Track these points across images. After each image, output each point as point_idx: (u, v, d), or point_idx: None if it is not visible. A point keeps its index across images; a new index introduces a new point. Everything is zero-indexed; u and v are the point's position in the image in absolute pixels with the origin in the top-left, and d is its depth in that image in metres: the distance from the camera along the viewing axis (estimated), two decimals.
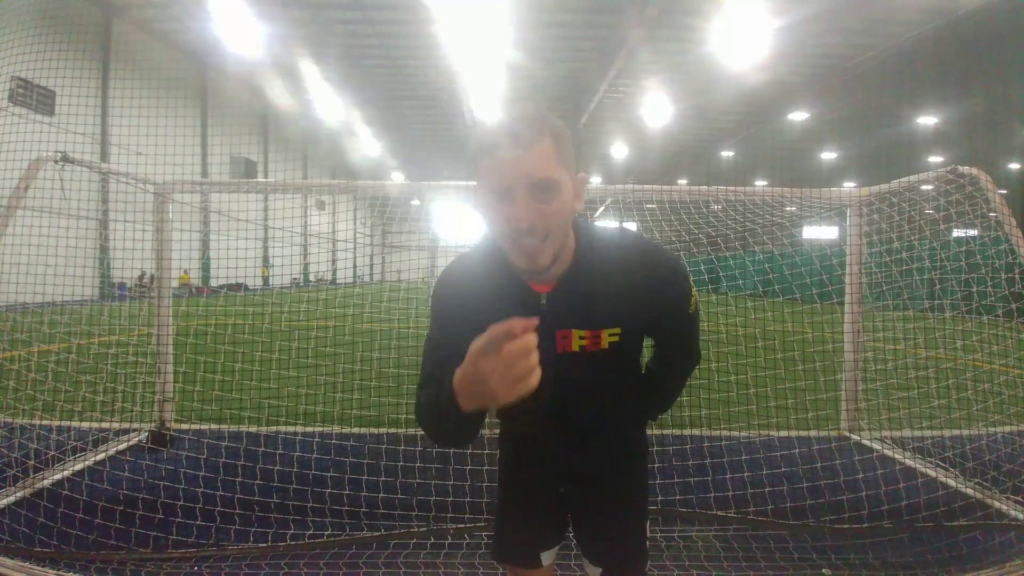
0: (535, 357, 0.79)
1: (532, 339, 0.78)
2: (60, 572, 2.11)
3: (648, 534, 1.34)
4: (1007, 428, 3.27)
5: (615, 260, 1.10)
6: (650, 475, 1.42)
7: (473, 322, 1.10)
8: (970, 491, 2.84)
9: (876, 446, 3.58)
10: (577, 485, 1.32)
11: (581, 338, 1.13)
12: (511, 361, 0.77)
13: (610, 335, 1.14)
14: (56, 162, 2.95)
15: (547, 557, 1.35)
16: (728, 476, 2.97)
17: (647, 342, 1.29)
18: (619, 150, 33.81)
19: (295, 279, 19.87)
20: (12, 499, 2.68)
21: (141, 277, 13.81)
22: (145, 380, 3.79)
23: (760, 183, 29.23)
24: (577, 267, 1.09)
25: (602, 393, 1.24)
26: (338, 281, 20.67)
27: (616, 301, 1.10)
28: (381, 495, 2.82)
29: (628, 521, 1.32)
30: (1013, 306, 3.06)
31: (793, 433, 3.57)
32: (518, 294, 1.11)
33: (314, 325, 5.33)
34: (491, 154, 0.97)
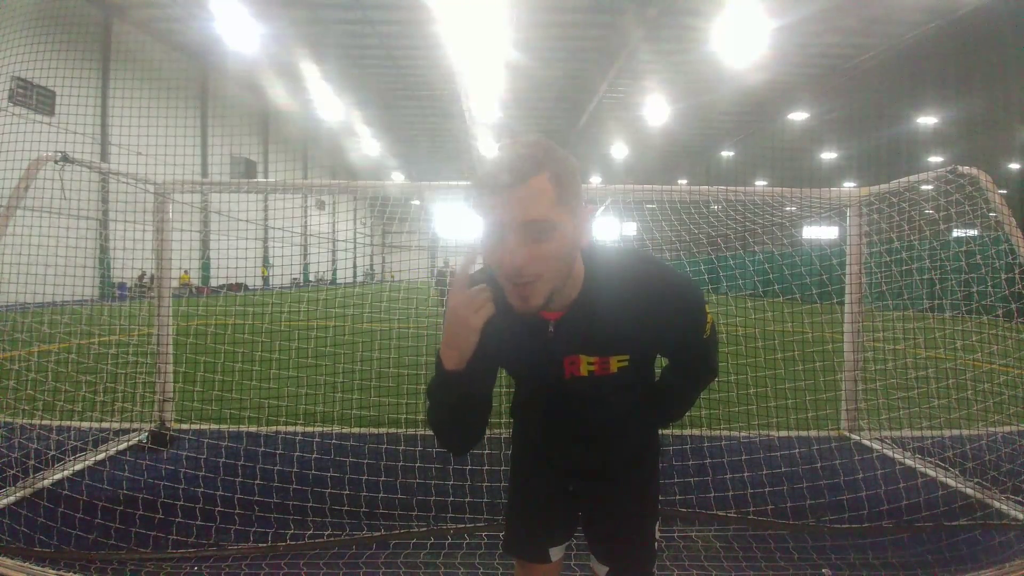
0: (476, 308, 0.99)
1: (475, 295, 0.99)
2: (60, 572, 2.11)
3: (657, 535, 1.34)
4: (1007, 428, 3.27)
5: (625, 287, 1.06)
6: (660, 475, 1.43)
7: (483, 348, 1.15)
8: (970, 491, 2.84)
9: (876, 446, 3.58)
10: (586, 483, 1.33)
11: (590, 364, 1.12)
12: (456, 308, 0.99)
13: (619, 361, 1.13)
14: (56, 162, 2.95)
15: (556, 553, 1.36)
16: (728, 476, 2.97)
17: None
18: (619, 150, 33.81)
19: (295, 279, 19.86)
20: (12, 499, 2.67)
21: (141, 277, 13.80)
22: (145, 380, 3.79)
23: (760, 183, 29.22)
24: (585, 295, 1.07)
25: (612, 407, 1.25)
26: (338, 281, 20.67)
27: (625, 329, 1.08)
28: (381, 495, 2.82)
29: (637, 521, 1.32)
30: (1013, 306, 3.05)
31: (793, 433, 3.57)
32: (526, 323, 1.09)
33: (314, 325, 5.33)
34: (487, 190, 0.94)
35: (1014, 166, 27.28)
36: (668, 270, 1.10)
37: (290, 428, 3.67)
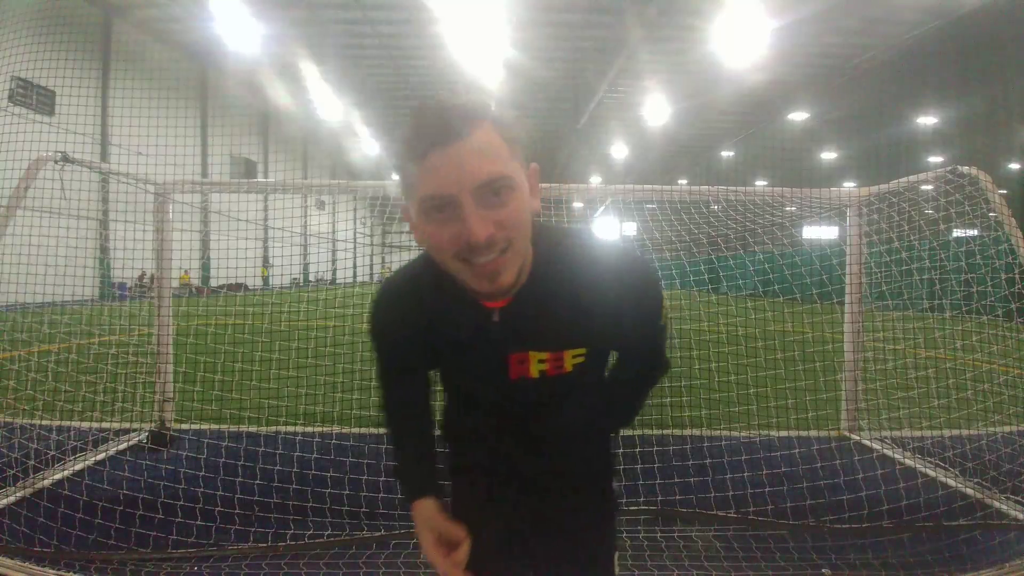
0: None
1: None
2: (60, 572, 2.11)
3: (616, 570, 1.17)
4: (1007, 428, 3.27)
5: (580, 269, 0.93)
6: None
7: (418, 348, 1.01)
8: (970, 491, 2.84)
9: (876, 446, 3.58)
10: (533, 499, 1.14)
11: (541, 362, 0.97)
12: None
13: (574, 356, 0.98)
14: (56, 162, 2.95)
15: None
16: (728, 476, 2.96)
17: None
18: (619, 150, 33.80)
19: (295, 279, 19.86)
20: (12, 499, 2.67)
21: (141, 277, 13.80)
22: (145, 380, 3.79)
23: (760, 183, 29.25)
24: (535, 278, 0.91)
25: (566, 415, 1.09)
26: (338, 281, 20.69)
27: (582, 317, 0.93)
28: (381, 495, 2.82)
29: (595, 557, 1.15)
30: (1013, 306, 3.05)
31: (793, 433, 3.57)
32: (465, 313, 0.94)
33: (314, 325, 5.33)
34: (420, 159, 0.77)
35: (1014, 166, 27.26)
36: (624, 249, 0.98)
37: (290, 428, 3.67)
